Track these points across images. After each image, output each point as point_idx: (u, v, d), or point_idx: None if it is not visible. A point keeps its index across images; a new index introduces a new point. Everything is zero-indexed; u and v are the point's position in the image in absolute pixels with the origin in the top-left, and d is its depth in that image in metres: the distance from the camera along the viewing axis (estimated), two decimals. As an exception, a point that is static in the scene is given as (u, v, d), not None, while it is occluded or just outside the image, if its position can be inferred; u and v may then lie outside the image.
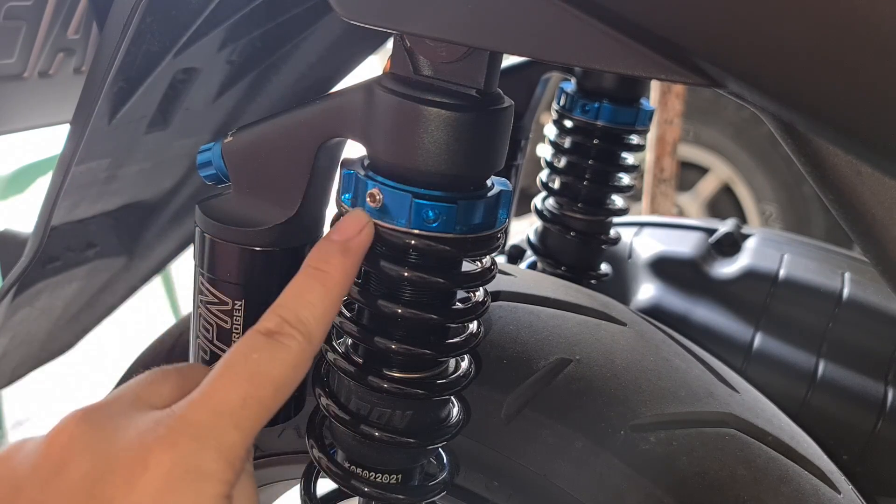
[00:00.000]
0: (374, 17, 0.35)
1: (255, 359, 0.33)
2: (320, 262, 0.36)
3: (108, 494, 0.29)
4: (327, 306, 0.35)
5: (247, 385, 0.32)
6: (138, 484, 0.29)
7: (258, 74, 0.72)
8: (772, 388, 0.70)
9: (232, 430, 0.31)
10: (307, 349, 0.34)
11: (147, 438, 0.31)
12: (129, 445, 0.30)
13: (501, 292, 0.53)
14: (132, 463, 0.30)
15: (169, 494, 0.29)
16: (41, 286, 0.72)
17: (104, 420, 0.32)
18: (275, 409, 0.33)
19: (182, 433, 0.31)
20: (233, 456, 0.31)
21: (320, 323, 0.35)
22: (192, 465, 0.30)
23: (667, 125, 1.81)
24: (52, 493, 0.30)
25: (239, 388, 0.32)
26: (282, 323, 0.34)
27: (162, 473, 0.30)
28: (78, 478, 0.30)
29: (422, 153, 0.36)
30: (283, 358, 0.33)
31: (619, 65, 0.30)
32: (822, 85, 0.24)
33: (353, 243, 0.36)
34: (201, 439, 0.31)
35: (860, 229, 0.33)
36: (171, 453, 0.30)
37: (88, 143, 0.54)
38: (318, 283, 0.35)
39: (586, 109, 0.72)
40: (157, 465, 0.30)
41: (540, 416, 0.47)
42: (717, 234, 0.86)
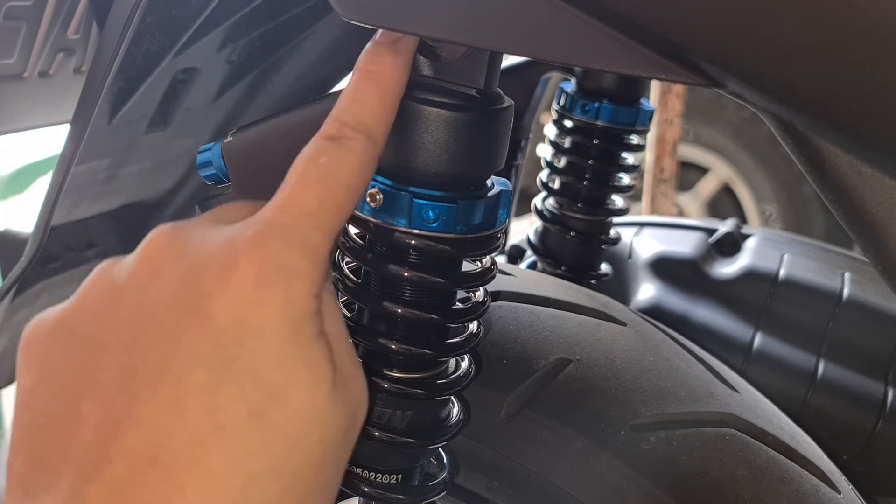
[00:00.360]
0: (374, 17, 0.35)
1: (323, 162, 0.33)
2: (372, 64, 0.36)
3: (205, 290, 0.30)
4: (385, 106, 0.35)
5: (321, 187, 0.33)
6: (232, 280, 0.30)
7: (258, 74, 0.72)
8: (772, 388, 0.70)
9: (314, 229, 0.32)
10: (371, 149, 0.34)
11: (235, 241, 0.31)
12: (220, 247, 0.31)
13: (501, 292, 0.53)
14: (224, 262, 0.31)
15: (261, 289, 0.30)
16: (41, 286, 0.72)
17: (192, 230, 0.33)
18: (349, 210, 0.34)
19: (268, 234, 0.31)
20: (318, 255, 0.32)
21: (380, 123, 0.35)
22: (281, 262, 0.31)
23: (667, 125, 1.81)
24: (152, 293, 0.31)
25: (314, 191, 0.33)
26: (343, 127, 0.34)
27: (253, 270, 0.30)
28: (175, 279, 0.31)
29: (422, 153, 0.36)
30: (349, 159, 0.34)
31: (619, 65, 0.30)
32: (822, 84, 0.24)
33: (401, 43, 0.36)
34: (287, 239, 0.31)
35: (860, 229, 0.33)
36: (260, 251, 0.31)
37: (88, 142, 0.54)
38: (373, 85, 0.35)
39: (586, 109, 0.72)
40: (248, 262, 0.30)
41: (540, 416, 0.47)
42: (717, 234, 0.86)
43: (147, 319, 0.30)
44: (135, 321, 0.31)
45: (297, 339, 0.31)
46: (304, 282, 0.31)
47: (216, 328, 0.30)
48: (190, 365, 0.29)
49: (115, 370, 0.30)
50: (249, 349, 0.30)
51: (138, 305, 0.31)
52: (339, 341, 0.34)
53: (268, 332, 0.30)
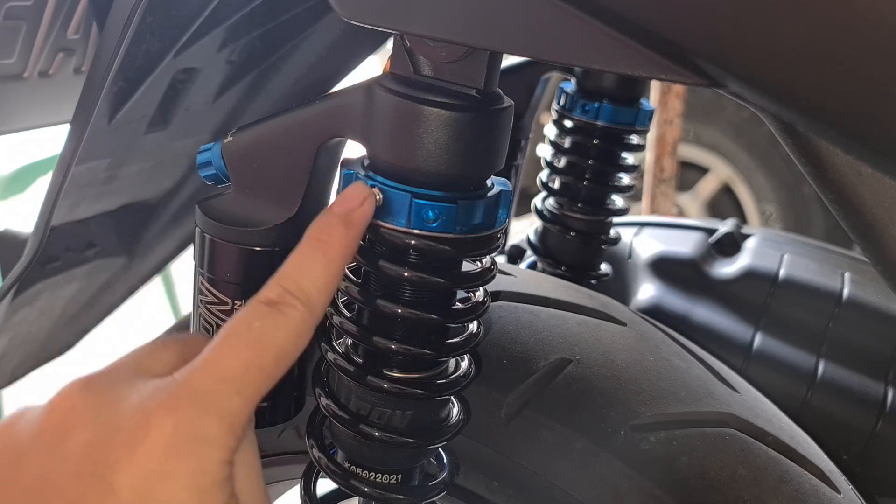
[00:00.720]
0: (374, 17, 0.35)
1: (257, 327, 0.33)
2: (322, 233, 0.36)
3: (111, 459, 0.30)
4: (329, 277, 0.35)
5: (249, 352, 0.32)
6: (140, 449, 0.30)
7: (258, 74, 0.72)
8: (772, 388, 0.70)
9: (234, 396, 0.32)
10: (308, 319, 0.34)
11: (149, 404, 0.31)
12: (131, 411, 0.31)
13: (501, 292, 0.53)
14: (134, 428, 0.30)
15: (171, 459, 0.30)
16: (41, 286, 0.72)
17: (105, 388, 0.32)
18: (276, 377, 0.33)
19: (184, 399, 0.31)
20: (235, 422, 0.32)
21: (322, 293, 0.35)
22: (194, 431, 0.30)
23: (667, 125, 1.81)
24: (55, 460, 0.30)
25: (241, 356, 0.32)
26: (283, 293, 0.34)
27: (164, 438, 0.30)
28: (81, 444, 0.30)
29: (422, 153, 0.36)
30: (284, 326, 0.33)
31: (619, 65, 0.30)
32: (823, 85, 0.24)
33: (354, 215, 0.36)
34: (203, 405, 0.31)
35: (860, 229, 0.33)
36: (173, 418, 0.30)
37: (88, 142, 0.54)
38: (319, 254, 0.35)
39: (586, 109, 0.72)
40: (160, 430, 0.30)
41: (540, 416, 0.47)
42: (717, 234, 0.86)
43: (48, 490, 0.30)
44: (35, 490, 0.30)
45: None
46: (217, 450, 0.31)
47: (117, 502, 0.30)
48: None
49: None
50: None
51: (40, 472, 0.30)
52: (251, 494, 0.33)
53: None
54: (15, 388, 0.88)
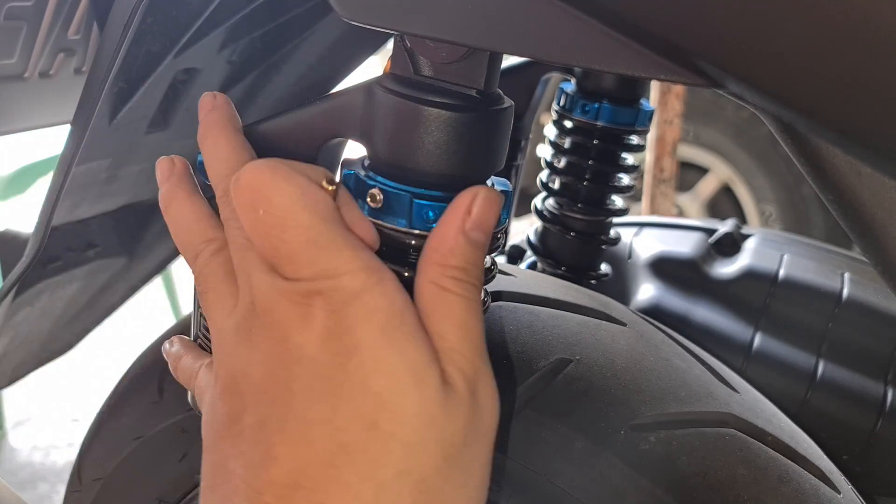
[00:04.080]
0: (374, 18, 0.35)
1: None
2: None
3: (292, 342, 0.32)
4: None
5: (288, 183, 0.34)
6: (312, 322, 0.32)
7: (259, 75, 0.72)
8: (772, 388, 0.70)
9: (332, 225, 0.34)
10: None
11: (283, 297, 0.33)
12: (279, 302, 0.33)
13: (502, 292, 0.53)
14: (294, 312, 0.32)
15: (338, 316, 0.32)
16: (41, 286, 0.72)
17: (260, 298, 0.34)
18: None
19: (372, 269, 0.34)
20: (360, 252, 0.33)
21: None
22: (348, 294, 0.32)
23: (667, 125, 1.81)
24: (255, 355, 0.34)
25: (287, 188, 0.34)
26: None
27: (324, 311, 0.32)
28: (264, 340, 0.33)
29: (422, 153, 0.36)
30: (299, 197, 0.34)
31: (619, 65, 0.30)
32: (822, 85, 0.24)
33: None
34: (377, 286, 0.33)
35: (860, 229, 0.33)
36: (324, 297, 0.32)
37: (89, 143, 0.54)
38: None
39: (586, 110, 0.72)
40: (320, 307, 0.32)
41: (540, 416, 0.47)
42: (717, 234, 0.86)
43: (266, 381, 0.33)
44: (260, 383, 0.33)
45: (391, 343, 0.31)
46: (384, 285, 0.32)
47: (317, 366, 0.31)
48: (306, 404, 0.32)
49: (247, 429, 0.33)
50: (351, 370, 0.31)
51: (256, 368, 0.33)
52: (454, 339, 0.34)
53: (362, 347, 0.31)
54: (15, 388, 0.88)
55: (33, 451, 1.69)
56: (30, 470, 1.63)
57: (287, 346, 0.32)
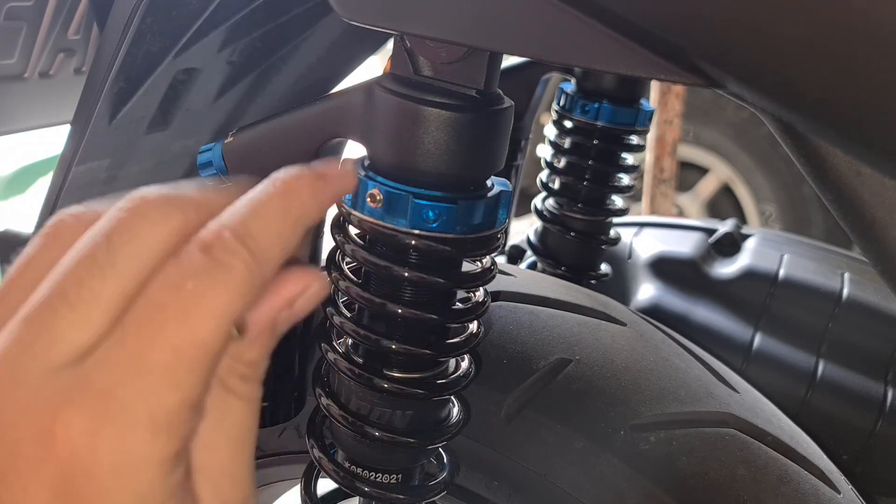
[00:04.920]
0: (374, 18, 0.35)
1: (189, 289, 0.25)
2: (288, 176, 0.28)
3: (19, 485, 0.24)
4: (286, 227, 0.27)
5: (182, 329, 0.24)
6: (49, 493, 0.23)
7: (258, 75, 0.72)
8: (772, 388, 0.70)
9: (167, 392, 0.24)
10: (256, 273, 0.26)
11: (52, 416, 0.24)
12: (33, 438, 0.24)
13: (501, 292, 0.53)
14: (42, 440, 0.24)
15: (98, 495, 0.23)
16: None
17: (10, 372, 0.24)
18: (219, 352, 0.25)
19: (103, 411, 0.24)
20: (174, 422, 0.24)
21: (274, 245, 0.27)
22: (121, 456, 0.24)
23: (667, 125, 1.81)
24: None
25: (172, 336, 0.24)
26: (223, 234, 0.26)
27: (77, 474, 0.23)
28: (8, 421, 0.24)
29: (422, 154, 0.36)
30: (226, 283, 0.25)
31: (619, 65, 0.30)
32: (822, 85, 0.24)
33: (331, 173, 0.30)
34: (127, 420, 0.24)
35: (860, 229, 0.33)
36: (86, 443, 0.23)
37: (89, 143, 0.54)
38: (277, 197, 0.28)
39: (586, 110, 0.72)
40: (67, 461, 0.23)
41: (540, 416, 0.47)
42: (717, 234, 0.86)
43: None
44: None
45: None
46: (157, 469, 0.24)
47: None
48: None
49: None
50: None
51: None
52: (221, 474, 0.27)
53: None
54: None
55: (33, 451, 1.69)
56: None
57: None
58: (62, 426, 0.23)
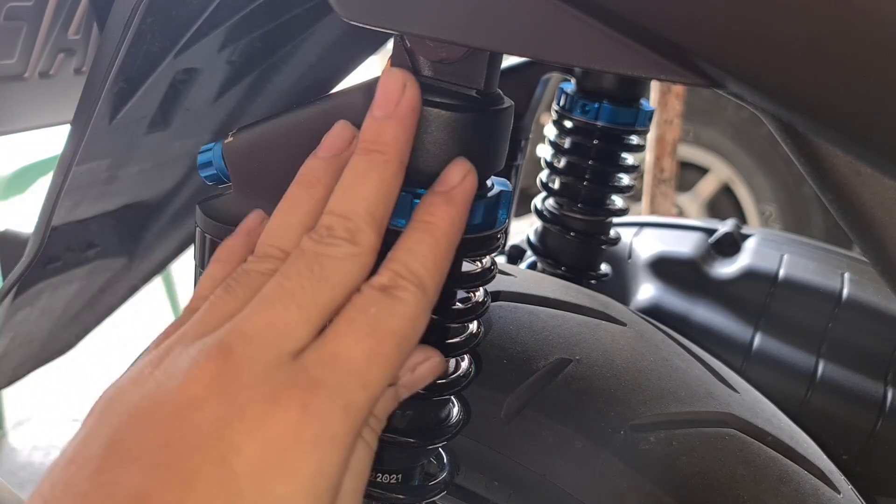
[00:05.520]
0: (374, 18, 0.35)
1: (373, 313, 0.32)
2: (425, 215, 0.35)
3: (236, 442, 0.29)
4: (438, 256, 0.34)
5: (370, 341, 0.31)
6: (264, 438, 0.29)
7: (259, 75, 0.72)
8: (772, 388, 0.70)
9: (360, 389, 0.30)
10: (423, 300, 0.33)
11: (279, 394, 0.30)
12: (261, 398, 0.30)
13: (501, 292, 0.53)
14: (261, 416, 0.29)
15: (294, 455, 0.29)
16: (42, 286, 0.72)
17: (244, 365, 0.31)
18: (397, 367, 0.32)
19: (313, 391, 0.30)
20: (359, 418, 0.31)
21: (433, 273, 0.34)
22: (322, 427, 0.29)
23: (666, 125, 1.81)
24: (184, 428, 0.29)
25: (362, 345, 0.31)
26: (394, 276, 0.33)
27: (289, 432, 0.29)
28: (210, 419, 0.29)
29: (422, 153, 0.36)
30: (400, 310, 0.32)
31: (619, 65, 0.30)
32: (822, 85, 0.24)
33: (456, 192, 0.35)
34: (332, 399, 0.30)
35: (860, 229, 0.33)
36: (300, 414, 0.29)
37: (89, 143, 0.54)
38: (425, 235, 0.34)
39: (586, 110, 0.72)
40: (286, 423, 0.29)
41: (540, 416, 0.47)
42: (717, 234, 0.86)
43: (171, 455, 0.29)
44: (161, 446, 0.29)
45: None
46: (340, 450, 0.30)
47: (234, 487, 0.29)
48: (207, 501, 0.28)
49: (127, 487, 0.28)
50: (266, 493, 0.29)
51: (169, 430, 0.29)
52: None
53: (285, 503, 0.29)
54: (15, 388, 0.88)
55: (33, 451, 1.69)
56: (30, 470, 1.63)
57: (225, 437, 0.29)
58: (283, 404, 0.29)
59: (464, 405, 0.46)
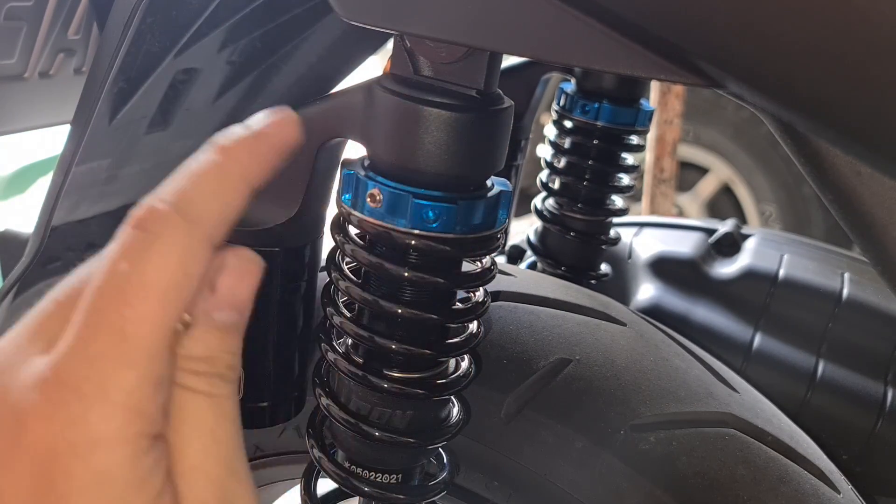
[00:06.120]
0: (374, 18, 0.35)
1: (124, 269, 0.25)
2: (224, 139, 0.28)
3: None
4: (221, 188, 0.27)
5: (125, 308, 0.24)
6: (23, 457, 0.24)
7: (258, 75, 0.72)
8: (772, 388, 0.70)
9: (120, 371, 0.24)
10: (195, 234, 0.26)
11: (24, 403, 0.25)
12: (6, 415, 0.25)
13: (501, 292, 0.53)
14: (13, 429, 0.25)
15: (59, 480, 0.24)
16: (42, 286, 0.72)
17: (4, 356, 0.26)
18: (174, 317, 0.26)
19: (59, 397, 0.24)
20: (133, 401, 0.24)
21: (210, 204, 0.27)
22: (79, 436, 0.24)
23: (666, 125, 1.81)
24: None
25: (114, 316, 0.24)
26: (152, 208, 0.26)
27: (45, 450, 0.24)
28: None
29: (422, 153, 0.36)
30: (161, 252, 0.25)
31: (619, 65, 0.30)
32: (822, 85, 0.24)
33: (268, 129, 0.30)
34: (82, 399, 0.24)
35: (860, 229, 0.33)
36: (51, 426, 0.24)
37: (89, 143, 0.54)
38: (214, 161, 0.28)
39: (586, 110, 0.72)
40: (39, 440, 0.24)
41: (540, 416, 0.47)
42: (717, 234, 0.86)
43: None
44: None
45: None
46: (118, 447, 0.24)
47: None
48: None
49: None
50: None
51: None
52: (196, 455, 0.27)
53: None
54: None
55: (33, 451, 1.69)
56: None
57: None
58: (31, 415, 0.24)
59: (464, 405, 0.46)
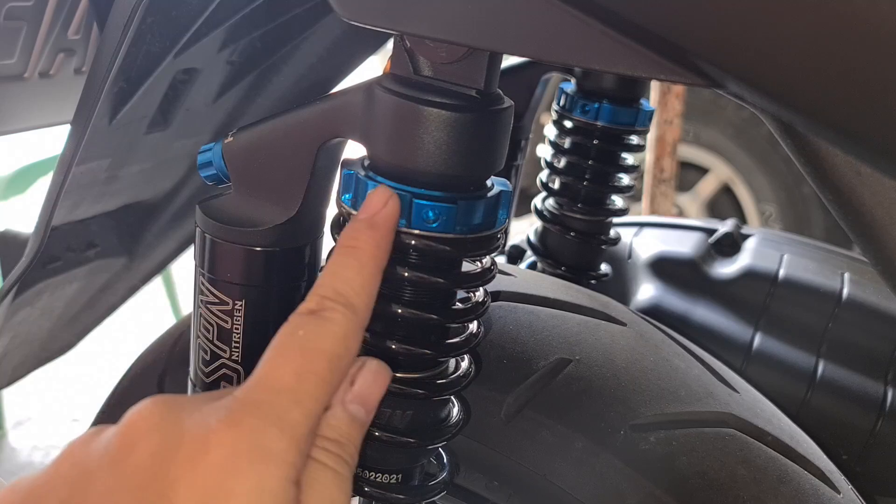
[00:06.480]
0: (374, 18, 0.35)
1: (301, 335, 0.33)
2: (349, 240, 0.37)
3: (171, 476, 0.30)
4: (364, 278, 0.36)
5: (299, 360, 0.33)
6: (200, 465, 0.30)
7: (258, 75, 0.72)
8: (772, 388, 0.70)
9: (293, 406, 0.32)
10: (353, 319, 0.35)
11: (209, 420, 0.31)
12: (193, 427, 0.31)
13: (501, 292, 0.53)
14: (195, 444, 0.30)
15: (231, 476, 0.29)
16: (42, 286, 0.72)
17: (175, 405, 0.32)
18: (333, 383, 0.34)
19: (243, 412, 0.31)
20: (296, 434, 0.31)
21: (360, 294, 0.35)
22: (255, 444, 0.30)
23: (666, 125, 1.81)
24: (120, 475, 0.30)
25: (292, 365, 0.32)
26: (321, 300, 0.35)
27: (224, 454, 0.30)
28: (145, 458, 0.30)
29: (422, 153, 0.36)
30: (329, 330, 0.34)
31: (619, 65, 0.30)
32: (822, 85, 0.24)
33: (379, 217, 0.37)
34: (262, 417, 0.31)
35: (860, 229, 0.33)
36: (233, 433, 0.30)
37: (89, 143, 0.54)
38: (350, 259, 0.36)
39: (586, 110, 0.72)
40: (219, 445, 0.30)
41: (540, 416, 0.47)
42: (717, 234, 0.86)
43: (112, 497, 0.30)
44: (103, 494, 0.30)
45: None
46: (280, 466, 0.30)
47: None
48: None
49: None
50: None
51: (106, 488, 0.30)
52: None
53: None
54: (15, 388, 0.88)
55: (33, 451, 1.69)
56: (30, 470, 1.62)
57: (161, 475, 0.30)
58: (215, 427, 0.30)
59: (464, 405, 0.46)
